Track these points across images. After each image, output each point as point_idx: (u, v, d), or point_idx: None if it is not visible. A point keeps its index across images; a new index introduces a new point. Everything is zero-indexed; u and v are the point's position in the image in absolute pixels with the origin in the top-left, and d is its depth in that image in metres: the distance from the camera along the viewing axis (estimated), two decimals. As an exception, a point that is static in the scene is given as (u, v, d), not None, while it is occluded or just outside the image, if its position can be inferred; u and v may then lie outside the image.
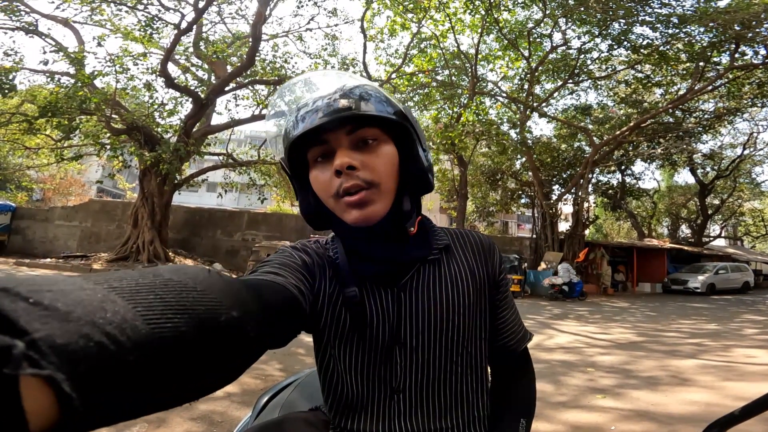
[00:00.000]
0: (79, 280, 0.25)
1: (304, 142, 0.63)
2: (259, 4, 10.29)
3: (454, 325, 0.68)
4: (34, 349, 0.19)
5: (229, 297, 0.33)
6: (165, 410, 0.27)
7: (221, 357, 0.31)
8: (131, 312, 0.24)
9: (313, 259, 0.67)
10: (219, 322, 0.30)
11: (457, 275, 0.71)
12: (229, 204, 24.55)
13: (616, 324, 7.59)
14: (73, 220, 13.56)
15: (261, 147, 13.28)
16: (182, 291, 0.29)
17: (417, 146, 0.67)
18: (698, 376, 3.89)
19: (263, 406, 0.97)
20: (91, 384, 0.21)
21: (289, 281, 0.53)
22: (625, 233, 29.08)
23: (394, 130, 0.66)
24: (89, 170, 22.11)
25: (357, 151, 0.63)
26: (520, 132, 15.13)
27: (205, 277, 0.33)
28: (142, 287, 0.27)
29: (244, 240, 13.63)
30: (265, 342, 0.38)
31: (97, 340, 0.21)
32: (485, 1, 11.48)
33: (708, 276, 16.56)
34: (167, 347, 0.25)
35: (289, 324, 0.47)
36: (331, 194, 0.63)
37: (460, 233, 0.78)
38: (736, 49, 11.88)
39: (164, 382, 0.26)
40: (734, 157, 21.01)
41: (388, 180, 0.64)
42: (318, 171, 0.64)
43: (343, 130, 0.62)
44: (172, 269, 0.32)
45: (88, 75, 8.95)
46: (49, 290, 0.22)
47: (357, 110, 0.61)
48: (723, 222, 26.46)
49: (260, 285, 0.45)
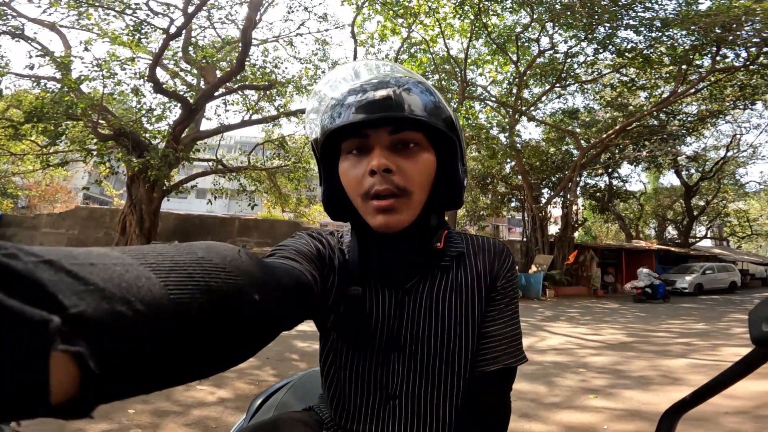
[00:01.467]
0: (118, 254, 0.26)
1: (343, 130, 0.61)
2: (250, 9, 10.28)
3: (456, 334, 0.66)
4: (69, 325, 0.19)
5: (253, 279, 0.34)
6: (177, 386, 0.28)
7: (239, 337, 0.32)
8: (162, 290, 0.25)
9: (326, 250, 0.65)
10: (242, 303, 0.31)
11: (464, 284, 0.69)
12: (219, 210, 24.34)
13: (607, 325, 7.67)
14: (60, 227, 13.32)
15: (251, 153, 13.21)
16: (212, 271, 0.30)
17: (458, 159, 0.65)
18: (688, 375, 3.95)
19: (257, 408, 0.97)
20: (115, 360, 0.21)
21: (304, 267, 0.52)
22: (613, 235, 29.44)
23: (437, 137, 0.64)
24: (75, 177, 21.74)
25: (396, 153, 0.61)
26: (510, 136, 15.28)
27: (234, 258, 0.34)
28: (176, 265, 0.28)
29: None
30: (279, 324, 0.39)
31: (128, 316, 0.22)
32: (474, 6, 11.62)
33: (695, 276, 16.83)
34: (191, 325, 0.26)
35: (301, 309, 0.47)
36: (360, 193, 0.61)
37: (475, 239, 0.75)
38: (718, 51, 12.13)
39: (183, 359, 0.27)
40: (718, 159, 21.38)
41: (421, 190, 0.62)
42: (350, 164, 0.62)
43: (387, 128, 0.60)
44: (205, 247, 0.33)
45: (75, 80, 8.82)
46: (91, 263, 0.23)
47: (407, 112, 0.58)
48: (708, 223, 26.90)
49: (279, 269, 0.45)
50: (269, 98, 12.52)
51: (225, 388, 3.25)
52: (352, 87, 0.62)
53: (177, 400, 2.90)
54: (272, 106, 12.77)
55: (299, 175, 13.59)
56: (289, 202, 15.88)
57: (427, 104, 0.61)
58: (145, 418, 2.57)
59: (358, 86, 0.62)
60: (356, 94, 0.60)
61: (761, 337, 0.31)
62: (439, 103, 0.63)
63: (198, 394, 3.09)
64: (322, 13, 14.38)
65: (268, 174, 13.86)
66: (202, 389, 3.20)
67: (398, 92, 0.59)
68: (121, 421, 2.47)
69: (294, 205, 16.16)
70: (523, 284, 13.80)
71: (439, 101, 0.64)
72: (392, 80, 0.62)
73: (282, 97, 12.35)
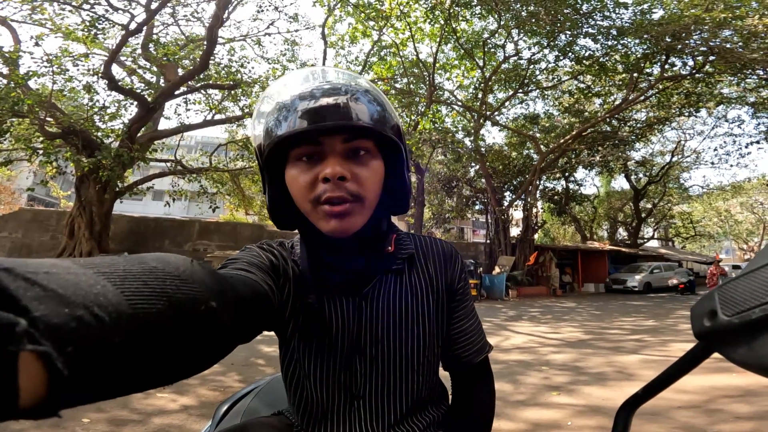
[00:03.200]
0: (70, 264, 0.26)
1: (295, 137, 0.58)
2: (217, 7, 9.95)
3: (414, 334, 0.68)
4: (34, 327, 0.20)
5: (209, 287, 0.34)
6: (140, 392, 0.28)
7: (198, 344, 0.32)
8: (119, 296, 0.25)
9: (279, 261, 0.62)
10: (199, 310, 0.31)
11: (418, 285, 0.71)
12: (179, 213, 23.43)
13: (566, 323, 7.99)
14: (2, 230, 12.36)
15: (213, 153, 12.80)
16: (166, 278, 0.30)
17: (404, 166, 0.67)
18: (641, 371, 4.18)
19: (223, 414, 0.94)
20: (80, 363, 0.22)
21: (260, 277, 0.51)
22: (570, 237, 30.69)
23: (385, 145, 0.65)
24: (20, 177, 20.30)
25: (348, 160, 0.61)
26: (474, 140, 15.67)
27: (187, 267, 0.33)
28: (129, 273, 0.28)
29: (195, 250, 13.02)
30: (238, 333, 0.39)
31: (87, 321, 0.23)
32: (445, 12, 11.83)
33: (644, 275, 17.86)
34: (150, 331, 0.27)
35: (259, 319, 0.46)
36: (310, 199, 0.60)
37: (424, 241, 0.77)
38: (666, 60, 12.90)
39: (144, 364, 0.27)
40: (664, 164, 22.76)
41: (374, 196, 0.63)
42: (298, 170, 0.60)
43: (341, 137, 0.59)
44: (156, 257, 0.32)
45: (22, 75, 8.25)
46: (45, 272, 0.23)
47: (363, 121, 0.59)
48: (655, 224, 28.55)
49: (235, 278, 0.45)
50: (234, 98, 12.18)
51: (188, 395, 3.13)
52: (302, 92, 0.61)
53: (135, 408, 2.78)
54: (237, 106, 12.41)
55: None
56: (253, 204, 15.50)
57: (378, 111, 0.62)
58: (102, 427, 2.44)
59: (308, 91, 0.60)
60: (307, 100, 0.59)
61: (703, 332, 0.33)
62: (387, 110, 0.64)
63: (158, 401, 2.97)
64: (293, 14, 14.16)
65: (231, 176, 13.47)
66: (163, 396, 3.07)
67: (350, 99, 0.59)
68: (75, 431, 2.33)
69: (258, 207, 15.79)
70: (486, 285, 14.15)
71: (387, 109, 0.64)
72: (343, 87, 0.61)
73: (247, 98, 12.03)
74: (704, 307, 0.33)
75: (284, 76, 0.69)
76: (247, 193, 14.97)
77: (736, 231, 32.69)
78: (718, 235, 33.35)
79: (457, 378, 0.79)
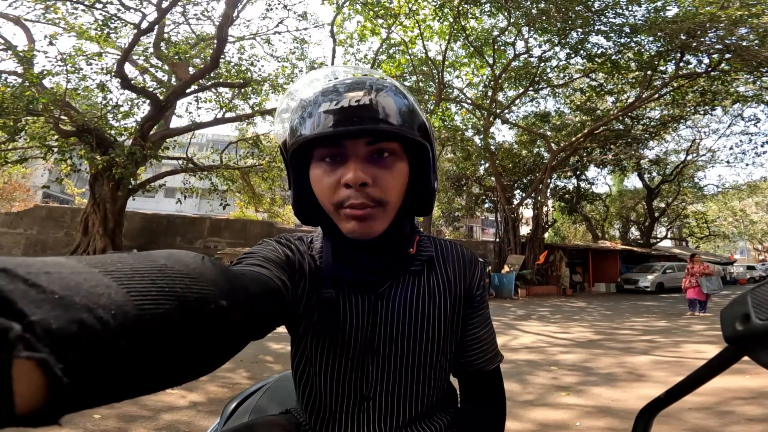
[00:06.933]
0: (75, 263, 0.25)
1: (317, 139, 0.58)
2: (227, 5, 10.04)
3: (428, 337, 0.68)
4: (30, 332, 0.19)
5: (219, 286, 0.33)
6: (148, 394, 0.27)
7: (208, 344, 0.31)
8: (125, 297, 0.24)
9: (296, 256, 0.63)
10: (208, 310, 0.30)
11: (435, 288, 0.70)
12: (190, 210, 23.67)
13: (576, 323, 7.92)
14: (18, 227, 12.63)
15: (224, 151, 12.91)
16: (176, 277, 0.29)
17: (430, 167, 0.65)
18: (652, 372, 4.12)
19: (231, 412, 0.95)
20: (81, 368, 0.21)
21: (273, 273, 0.51)
22: (581, 236, 30.37)
23: (412, 146, 0.63)
24: (35, 174, 20.69)
25: (371, 162, 0.60)
26: (484, 138, 15.55)
27: (198, 265, 0.32)
28: (137, 272, 0.27)
29: (206, 247, 13.17)
30: (249, 331, 0.38)
31: (90, 324, 0.21)
32: (454, 9, 11.75)
33: (657, 275, 17.59)
34: (157, 333, 0.26)
35: (271, 316, 0.46)
36: (333, 202, 0.60)
37: (445, 245, 0.76)
38: (681, 58, 12.66)
39: (151, 367, 0.26)
40: (678, 163, 22.36)
41: (396, 199, 0.62)
42: (322, 171, 0.60)
43: (364, 139, 0.59)
44: (166, 255, 0.32)
45: (37, 74, 8.41)
46: (46, 272, 0.22)
47: (387, 124, 0.58)
48: (669, 224, 28.10)
49: (247, 275, 0.44)
50: (244, 96, 12.28)
51: (197, 392, 3.17)
52: (325, 87, 0.60)
53: (145, 405, 2.81)
54: (247, 104, 12.52)
55: (273, 174, 13.38)
56: (262, 201, 15.61)
57: (403, 111, 0.60)
58: (112, 423, 2.48)
59: (331, 87, 0.60)
60: (330, 96, 0.58)
61: (734, 336, 0.32)
62: (414, 109, 0.63)
63: (168, 398, 3.01)
64: (302, 12, 14.18)
65: (241, 173, 13.57)
66: (173, 393, 3.11)
67: (375, 99, 0.58)
68: (86, 427, 2.37)
69: (268, 204, 15.90)
70: (496, 284, 14.07)
71: (413, 107, 0.63)
72: (367, 82, 0.60)
73: (257, 96, 12.13)
74: (736, 310, 0.33)
75: (309, 74, 0.68)
76: (257, 191, 15.07)
77: (751, 231, 32.03)
78: (733, 235, 32.70)
79: (467, 385, 0.77)
